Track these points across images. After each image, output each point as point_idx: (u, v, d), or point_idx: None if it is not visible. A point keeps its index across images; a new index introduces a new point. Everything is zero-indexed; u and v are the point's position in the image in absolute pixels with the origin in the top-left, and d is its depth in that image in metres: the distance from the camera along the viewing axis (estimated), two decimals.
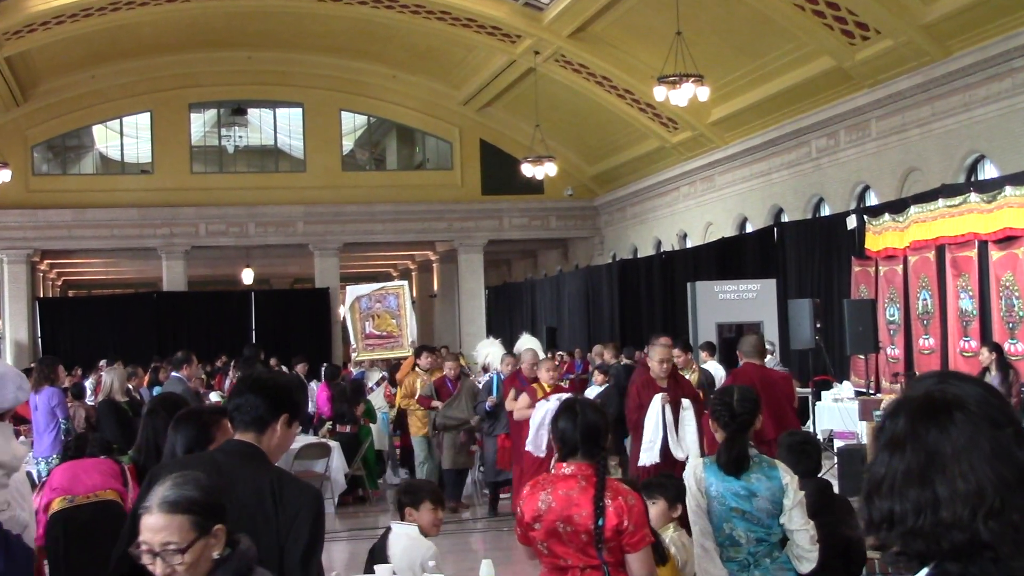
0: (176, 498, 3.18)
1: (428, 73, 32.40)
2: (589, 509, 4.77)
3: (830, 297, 19.38)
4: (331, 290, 34.04)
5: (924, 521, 1.95)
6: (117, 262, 39.10)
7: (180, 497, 3.18)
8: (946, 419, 1.98)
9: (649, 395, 10.29)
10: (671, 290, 25.41)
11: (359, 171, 35.91)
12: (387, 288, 18.39)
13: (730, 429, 5.66)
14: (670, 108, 24.56)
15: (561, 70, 27.65)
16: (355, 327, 17.85)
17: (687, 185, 29.32)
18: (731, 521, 5.56)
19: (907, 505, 1.97)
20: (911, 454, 1.99)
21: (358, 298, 17.99)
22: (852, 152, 21.69)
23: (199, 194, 33.51)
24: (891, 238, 17.55)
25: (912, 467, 1.98)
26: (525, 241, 37.36)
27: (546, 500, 4.84)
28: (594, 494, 4.78)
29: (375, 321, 17.77)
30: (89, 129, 34.17)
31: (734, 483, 5.56)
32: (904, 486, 1.98)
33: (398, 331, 17.81)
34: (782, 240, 21.71)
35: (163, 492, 3.20)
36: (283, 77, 33.52)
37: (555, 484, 4.88)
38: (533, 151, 28.28)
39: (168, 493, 3.19)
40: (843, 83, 20.96)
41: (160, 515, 3.16)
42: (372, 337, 17.80)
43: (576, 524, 4.77)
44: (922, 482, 1.96)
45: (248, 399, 4.10)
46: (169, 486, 3.22)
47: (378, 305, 17.91)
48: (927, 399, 2.04)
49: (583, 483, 4.83)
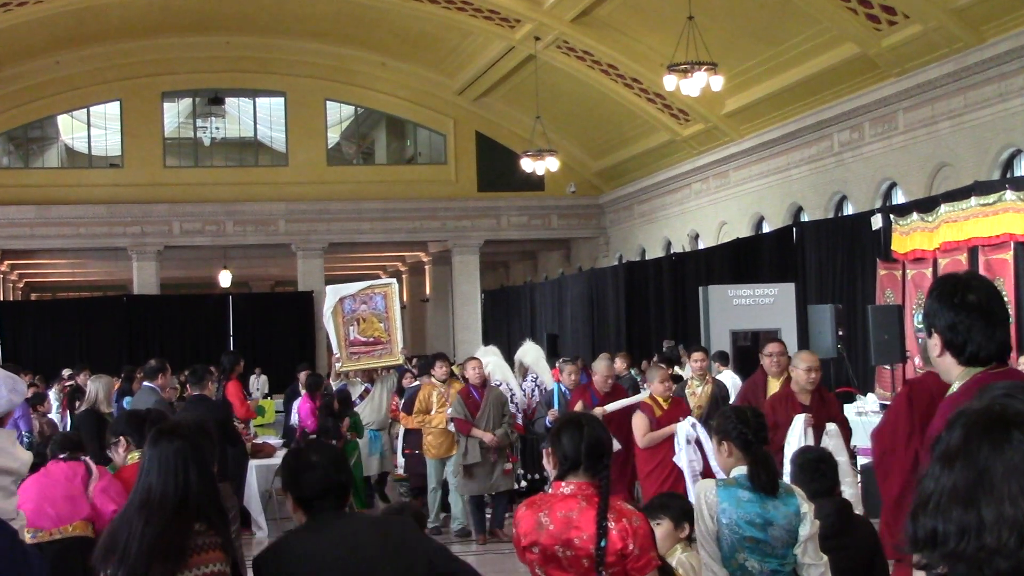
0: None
1: (420, 60, 32.39)
2: (590, 531, 4.74)
3: (853, 303, 19.35)
4: (315, 294, 33.97)
5: (967, 545, 1.93)
6: (84, 263, 39.08)
7: None
8: (1001, 436, 1.95)
9: (787, 413, 9.22)
10: (681, 295, 25.37)
11: (345, 166, 35.90)
12: (374, 287, 17.35)
13: (753, 448, 5.65)
14: (681, 98, 24.55)
15: (564, 57, 27.64)
16: (338, 332, 16.79)
17: (699, 182, 29.32)
18: (743, 551, 5.54)
19: (950, 526, 1.95)
20: (960, 471, 1.97)
21: (342, 299, 16.91)
22: (877, 146, 21.67)
23: (173, 190, 33.49)
24: (919, 239, 17.53)
25: (959, 485, 1.96)
26: (524, 242, 37.37)
27: (543, 522, 4.82)
28: (596, 515, 4.75)
29: (360, 325, 16.74)
30: (53, 119, 34.17)
31: (750, 510, 5.54)
32: (949, 505, 1.96)
33: (386, 336, 16.81)
34: (801, 241, 21.69)
35: None
36: (263, 64, 33.52)
37: (553, 505, 4.85)
38: (533, 144, 28.28)
39: None
40: (868, 72, 20.95)
41: None
42: (357, 344, 16.72)
43: (576, 548, 4.74)
44: (967, 502, 1.94)
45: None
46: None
47: (363, 307, 16.90)
48: (986, 412, 2.01)
49: (583, 503, 4.80)
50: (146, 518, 4.46)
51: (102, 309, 34.31)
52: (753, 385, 10.82)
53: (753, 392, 10.53)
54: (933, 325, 3.90)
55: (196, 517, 4.49)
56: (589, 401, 12.01)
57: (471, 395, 13.61)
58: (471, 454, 13.32)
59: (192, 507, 4.50)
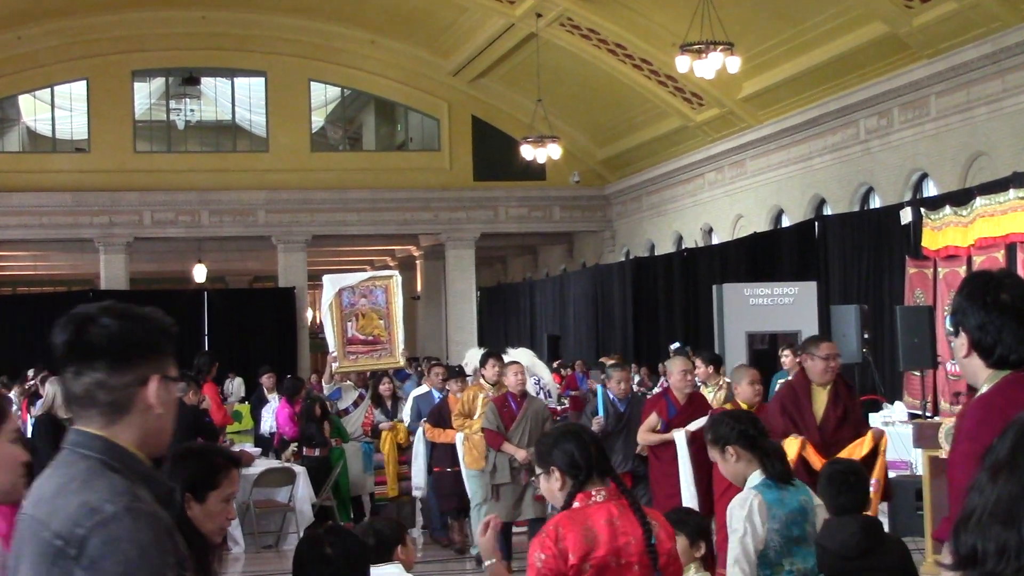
0: None
1: (412, 38, 32.38)
2: (638, 534, 4.78)
3: (880, 303, 19.36)
4: (297, 290, 34.03)
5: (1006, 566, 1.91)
6: (47, 255, 39.07)
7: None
8: None
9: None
10: (693, 293, 25.41)
11: (331, 152, 35.92)
12: (375, 279, 16.72)
13: (758, 442, 5.77)
14: (694, 81, 24.55)
15: (567, 36, 27.64)
16: (335, 328, 15.96)
17: (713, 171, 29.33)
18: (790, 555, 5.59)
19: (990, 544, 1.93)
20: (1004, 484, 1.94)
21: (340, 291, 16.13)
22: (907, 134, 21.67)
23: (143, 177, 33.48)
24: (952, 235, 17.50)
25: (1002, 500, 1.94)
26: (524, 235, 37.39)
27: (590, 535, 4.80)
28: (636, 516, 4.80)
29: (359, 321, 16.04)
30: (14, 100, 34.17)
31: (792, 506, 5.63)
32: (990, 522, 1.94)
33: (386, 335, 16.18)
34: (824, 236, 21.69)
35: None
36: (242, 41, 33.50)
37: (591, 516, 4.85)
38: (534, 130, 28.28)
39: None
40: (898, 53, 20.94)
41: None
42: (355, 342, 16.00)
43: (628, 554, 4.77)
44: (1008, 520, 1.92)
45: None
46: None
47: (363, 301, 16.19)
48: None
49: (620, 508, 4.84)
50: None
51: (66, 305, 33.57)
52: (793, 395, 9.44)
53: (795, 403, 9.31)
54: (961, 324, 3.89)
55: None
56: (665, 412, 11.17)
57: (507, 404, 12.79)
58: (500, 472, 12.50)
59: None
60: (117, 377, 2.90)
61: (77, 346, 2.93)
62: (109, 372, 2.89)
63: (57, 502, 2.75)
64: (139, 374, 2.93)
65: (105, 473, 2.79)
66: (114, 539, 2.66)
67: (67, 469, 2.83)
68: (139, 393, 2.92)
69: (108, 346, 2.91)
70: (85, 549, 2.66)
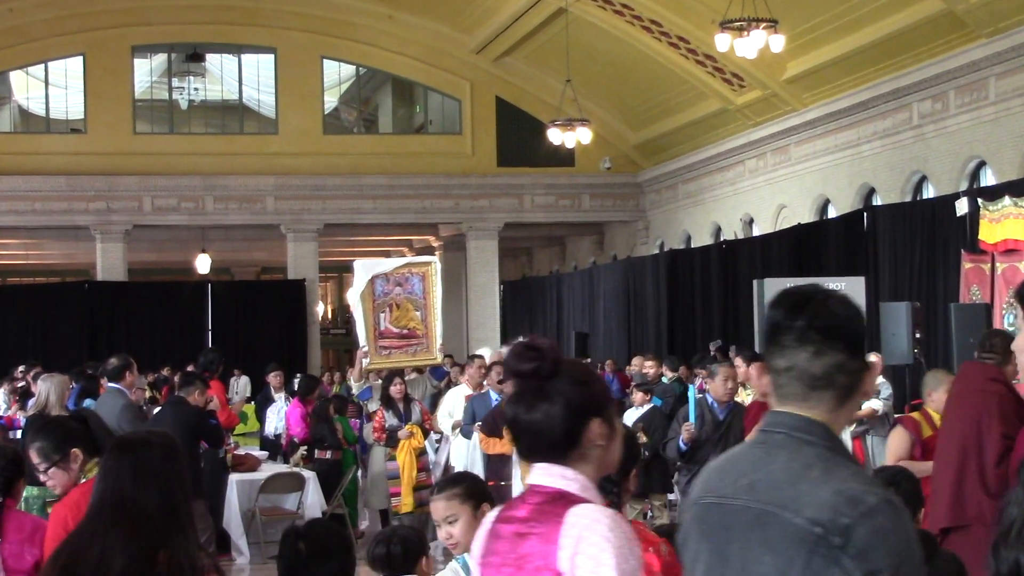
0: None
1: (433, 13, 32.42)
2: (656, 542, 5.09)
3: (933, 300, 19.32)
4: (307, 282, 34.09)
5: None
6: (40, 243, 39.22)
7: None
8: None
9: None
10: (733, 289, 25.38)
11: (344, 135, 35.97)
12: (412, 266, 16.02)
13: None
14: (735, 61, 24.51)
15: (599, 11, 27.63)
16: (367, 320, 15.38)
17: (755, 158, 29.29)
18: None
19: None
20: None
21: (373, 278, 15.47)
22: (964, 119, 21.62)
23: (143, 160, 33.56)
24: (1012, 227, 17.47)
25: None
26: (550, 225, 37.39)
27: (662, 549, 5.01)
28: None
29: (393, 313, 15.41)
30: (6, 76, 34.27)
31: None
32: None
33: (423, 328, 15.55)
34: (873, 228, 21.65)
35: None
36: (250, 15, 33.58)
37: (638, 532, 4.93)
38: (562, 113, 28.27)
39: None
40: (954, 31, 20.88)
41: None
42: (389, 336, 15.40)
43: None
44: None
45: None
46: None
47: (398, 289, 15.50)
48: None
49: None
50: (128, 534, 4.41)
51: (60, 297, 34.40)
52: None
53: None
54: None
55: (162, 542, 4.45)
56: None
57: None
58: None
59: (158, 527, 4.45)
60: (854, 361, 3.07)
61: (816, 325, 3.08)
62: (849, 356, 3.07)
63: (801, 488, 2.87)
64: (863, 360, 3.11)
65: (839, 461, 2.93)
66: (882, 530, 2.77)
67: (792, 455, 2.96)
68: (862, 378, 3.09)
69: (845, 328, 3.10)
70: (851, 538, 2.78)
